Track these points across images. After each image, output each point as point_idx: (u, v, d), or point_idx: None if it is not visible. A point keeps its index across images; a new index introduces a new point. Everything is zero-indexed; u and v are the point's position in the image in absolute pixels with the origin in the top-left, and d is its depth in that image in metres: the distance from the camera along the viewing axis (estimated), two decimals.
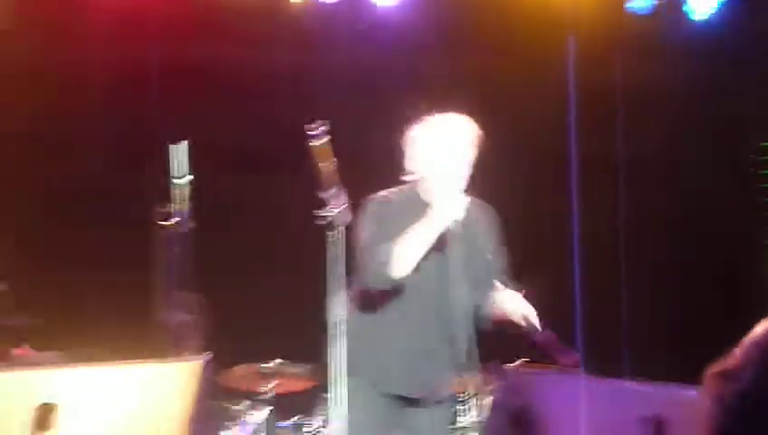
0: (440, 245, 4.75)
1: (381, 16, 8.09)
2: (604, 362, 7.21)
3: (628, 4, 8.06)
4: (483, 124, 8.11)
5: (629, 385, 7.01)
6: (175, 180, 4.67)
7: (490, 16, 8.37)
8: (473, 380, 5.74)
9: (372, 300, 4.85)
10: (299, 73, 8.15)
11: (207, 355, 4.48)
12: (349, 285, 4.81)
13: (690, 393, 5.11)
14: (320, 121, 4.91)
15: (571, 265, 8.93)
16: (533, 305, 4.87)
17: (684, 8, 8.12)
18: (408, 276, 4.72)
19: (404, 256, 4.68)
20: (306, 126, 4.88)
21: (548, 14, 8.40)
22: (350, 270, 4.79)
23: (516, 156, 8.84)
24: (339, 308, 4.68)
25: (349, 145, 5.08)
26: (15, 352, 6.70)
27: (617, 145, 9.00)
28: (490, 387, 6.65)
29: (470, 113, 8.42)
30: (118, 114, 8.22)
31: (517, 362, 6.73)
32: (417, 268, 4.73)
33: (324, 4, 8.12)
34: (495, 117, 8.37)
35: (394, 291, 4.80)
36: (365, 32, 8.23)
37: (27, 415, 4.97)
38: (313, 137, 4.86)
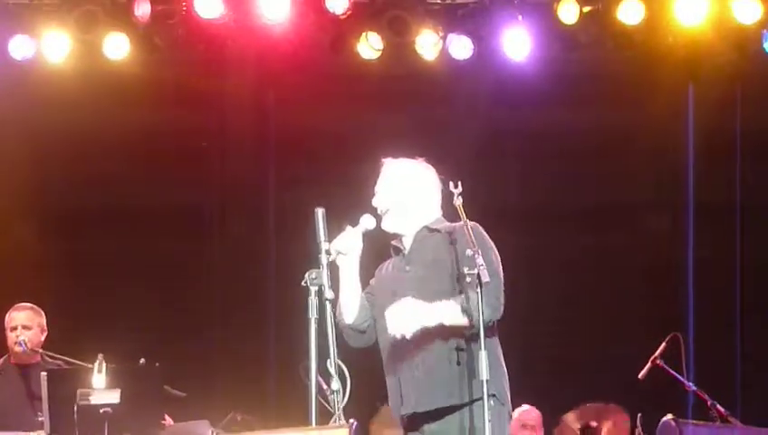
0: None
1: (511, 71, 8.18)
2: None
3: (764, 45, 8.09)
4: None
5: None
6: (321, 245, 4.77)
7: (612, 70, 8.44)
8: None
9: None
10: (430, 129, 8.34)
11: (352, 423, 4.50)
12: None
13: None
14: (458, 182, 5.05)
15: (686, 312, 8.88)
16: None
17: None
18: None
19: (342, 303, 4.98)
20: (452, 185, 5.02)
21: (668, 63, 8.43)
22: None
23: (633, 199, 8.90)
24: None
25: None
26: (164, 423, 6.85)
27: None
28: None
29: (591, 162, 8.55)
30: None
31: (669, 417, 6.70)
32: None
33: (457, 61, 8.21)
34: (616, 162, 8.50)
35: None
36: (494, 86, 8.37)
37: None
38: (458, 196, 5.01)
